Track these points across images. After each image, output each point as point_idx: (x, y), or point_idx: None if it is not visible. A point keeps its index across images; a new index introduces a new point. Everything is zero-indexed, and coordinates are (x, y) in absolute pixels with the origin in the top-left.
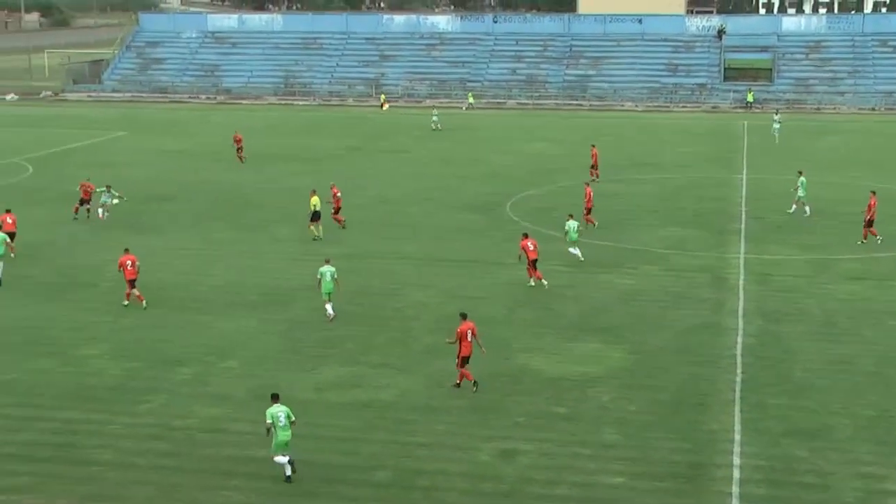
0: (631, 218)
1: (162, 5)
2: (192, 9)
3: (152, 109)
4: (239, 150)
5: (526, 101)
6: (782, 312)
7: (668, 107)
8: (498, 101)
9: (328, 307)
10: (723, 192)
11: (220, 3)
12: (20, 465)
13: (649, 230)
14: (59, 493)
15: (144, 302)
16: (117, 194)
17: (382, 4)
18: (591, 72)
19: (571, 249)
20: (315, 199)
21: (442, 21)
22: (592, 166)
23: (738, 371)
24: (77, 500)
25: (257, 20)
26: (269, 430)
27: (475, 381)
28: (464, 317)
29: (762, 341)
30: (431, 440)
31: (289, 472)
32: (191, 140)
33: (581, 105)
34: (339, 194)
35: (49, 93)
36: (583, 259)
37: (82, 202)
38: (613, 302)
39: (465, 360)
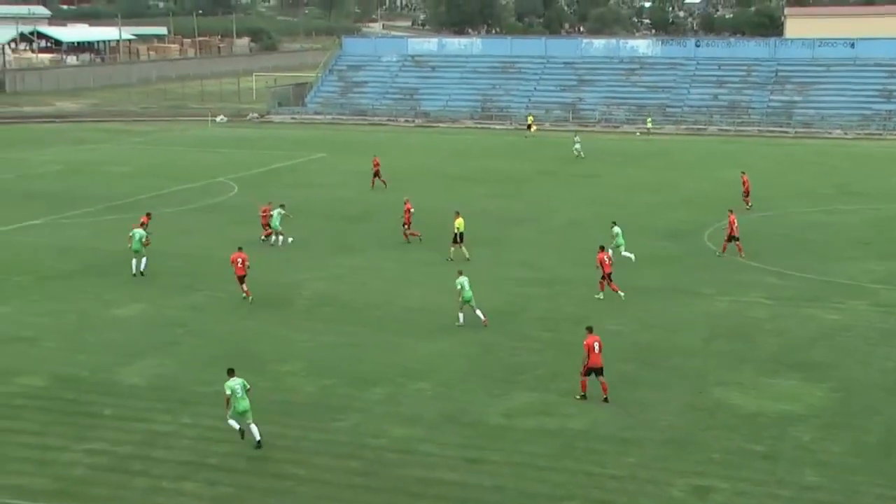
0: (837, 250)
1: (364, 30)
2: (393, 33)
3: (352, 131)
4: (376, 174)
5: (727, 128)
6: None
7: (880, 134)
8: (698, 126)
9: (478, 312)
10: None
11: (420, 27)
12: (221, 475)
13: (856, 263)
14: None
15: (251, 297)
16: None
17: (582, 29)
18: (797, 98)
19: (625, 253)
20: (459, 221)
21: (642, 45)
22: (745, 194)
23: None
24: None
25: (457, 44)
26: (228, 401)
27: (606, 397)
28: (590, 330)
29: None
30: (622, 472)
31: (239, 436)
32: (387, 162)
33: (786, 132)
34: (412, 210)
35: (255, 115)
36: (634, 259)
37: (266, 226)
38: (816, 337)
39: (591, 371)
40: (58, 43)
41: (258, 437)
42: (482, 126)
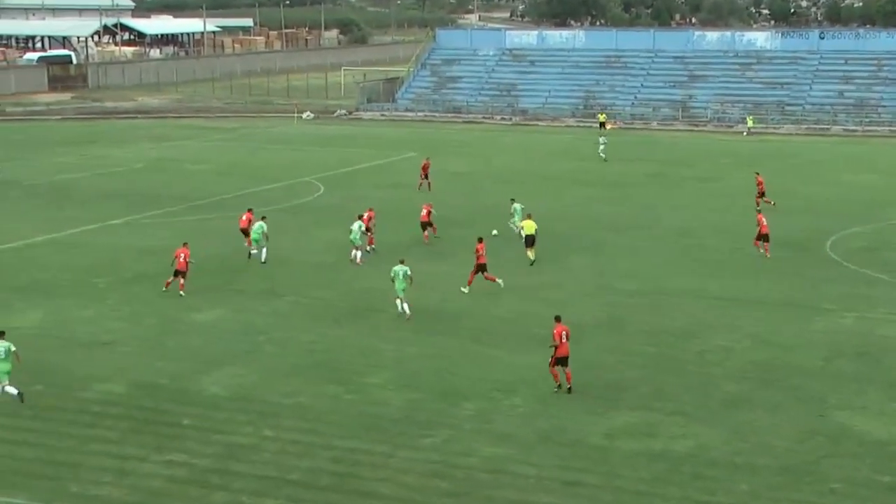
0: None
1: (459, 22)
2: (490, 25)
3: (444, 130)
4: (424, 177)
5: (854, 128)
6: None
7: None
8: (820, 126)
9: (404, 306)
10: None
11: (519, 19)
12: (303, 492)
13: None
14: None
15: (183, 292)
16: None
17: (693, 20)
18: None
19: (512, 224)
20: (528, 223)
21: (760, 38)
22: (760, 194)
23: None
24: None
25: (558, 37)
26: None
27: (570, 387)
28: (558, 319)
29: None
30: (731, 500)
31: (16, 395)
32: (481, 162)
33: None
34: (373, 218)
35: (344, 111)
36: (520, 235)
37: (426, 225)
38: None
39: (561, 360)
40: (141, 35)
41: (16, 392)
42: (584, 124)
